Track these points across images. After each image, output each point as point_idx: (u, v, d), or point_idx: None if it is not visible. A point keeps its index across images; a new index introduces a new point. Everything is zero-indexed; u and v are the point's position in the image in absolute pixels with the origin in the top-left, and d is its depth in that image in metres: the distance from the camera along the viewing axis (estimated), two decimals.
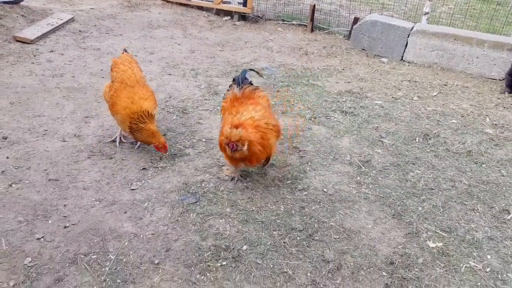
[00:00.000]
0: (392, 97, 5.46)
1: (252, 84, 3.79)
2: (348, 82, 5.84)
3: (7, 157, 3.77)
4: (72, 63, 5.64)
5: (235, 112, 3.43)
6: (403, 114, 5.05)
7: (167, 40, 6.83)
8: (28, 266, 2.77)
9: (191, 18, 7.87)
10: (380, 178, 3.87)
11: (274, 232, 3.17)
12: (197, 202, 3.43)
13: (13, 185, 3.46)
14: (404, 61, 6.67)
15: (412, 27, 6.55)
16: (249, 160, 3.37)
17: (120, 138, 4.14)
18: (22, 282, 2.67)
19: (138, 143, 4.08)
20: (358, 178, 3.86)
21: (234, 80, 3.81)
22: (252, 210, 3.37)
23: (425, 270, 2.92)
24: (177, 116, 4.72)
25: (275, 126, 3.52)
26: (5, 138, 4.01)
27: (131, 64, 4.02)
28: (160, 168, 3.83)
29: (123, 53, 4.26)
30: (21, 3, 6.74)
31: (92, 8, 7.50)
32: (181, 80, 5.58)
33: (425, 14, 7.19)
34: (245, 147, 3.20)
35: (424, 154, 4.25)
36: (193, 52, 6.51)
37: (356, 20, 7.20)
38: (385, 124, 4.79)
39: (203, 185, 3.64)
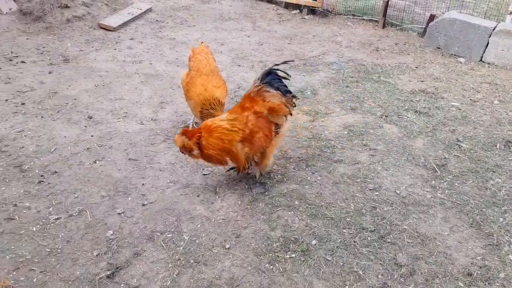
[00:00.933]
0: (470, 99, 5.15)
1: (280, 87, 3.35)
2: (422, 81, 5.59)
3: (92, 136, 4.04)
4: (150, 51, 5.91)
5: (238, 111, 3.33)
6: (482, 118, 4.74)
7: (237, 32, 6.92)
8: (110, 239, 2.95)
9: (260, 11, 7.91)
10: (456, 184, 3.68)
11: (344, 230, 3.12)
12: (265, 192, 3.46)
13: (97, 162, 3.70)
14: (483, 62, 6.25)
15: (495, 27, 6.12)
16: (208, 161, 3.36)
17: (193, 124, 4.27)
18: (105, 253, 2.85)
19: None
20: (433, 182, 3.70)
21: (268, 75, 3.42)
22: (321, 206, 3.34)
23: (508, 286, 2.74)
24: None
25: (245, 133, 3.24)
26: (90, 118, 4.30)
27: (207, 55, 4.15)
28: None
29: (201, 44, 4.39)
30: None
31: None
32: (250, 72, 5.64)
33: (510, 14, 6.68)
34: (195, 152, 3.25)
35: (506, 162, 3.97)
36: (262, 45, 6.55)
37: (432, 17, 6.86)
38: (463, 127, 4.54)
39: (271, 175, 3.67)
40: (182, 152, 3.33)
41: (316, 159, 3.90)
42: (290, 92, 3.41)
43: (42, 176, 3.50)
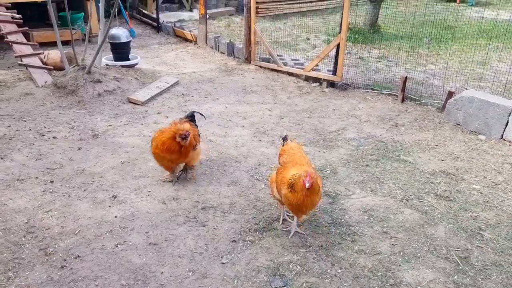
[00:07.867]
0: (492, 181, 5.10)
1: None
2: (442, 160, 5.59)
3: (116, 216, 4.15)
4: None
5: None
6: (505, 203, 4.67)
7: (258, 105, 7.18)
8: None
9: (281, 84, 8.23)
10: (480, 279, 3.57)
11: None
12: (285, 286, 3.43)
13: (119, 246, 3.77)
14: (504, 140, 6.24)
15: None
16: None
17: (283, 217, 4.22)
18: None
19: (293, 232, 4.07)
20: (456, 277, 3.60)
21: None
22: None
23: None
24: (265, 185, 4.86)
25: None
26: (115, 197, 4.44)
27: (300, 150, 4.25)
28: (248, 242, 3.93)
29: (288, 142, 4.42)
30: (135, 66, 7.64)
31: (194, 72, 8.22)
32: (270, 147, 5.78)
33: None
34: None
35: None
36: (282, 118, 6.75)
37: (450, 94, 6.98)
38: (485, 213, 4.47)
39: (290, 266, 3.64)
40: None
41: (336, 248, 3.87)
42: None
43: (65, 260, 3.58)
